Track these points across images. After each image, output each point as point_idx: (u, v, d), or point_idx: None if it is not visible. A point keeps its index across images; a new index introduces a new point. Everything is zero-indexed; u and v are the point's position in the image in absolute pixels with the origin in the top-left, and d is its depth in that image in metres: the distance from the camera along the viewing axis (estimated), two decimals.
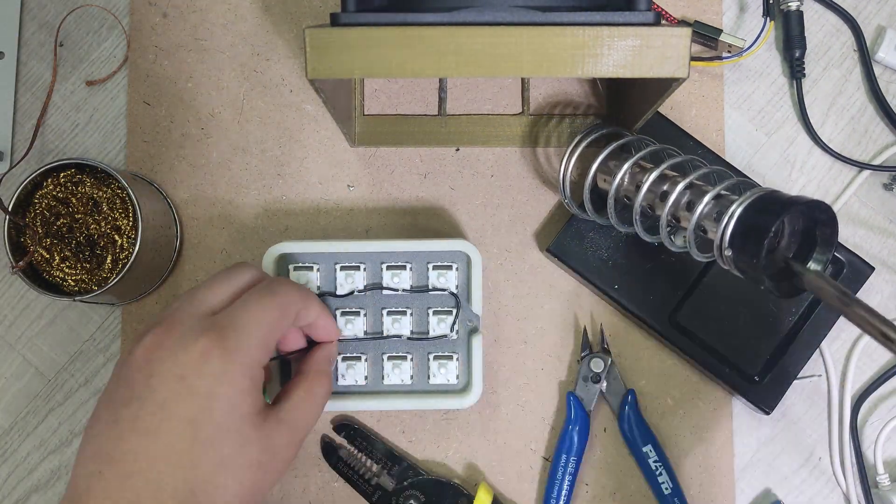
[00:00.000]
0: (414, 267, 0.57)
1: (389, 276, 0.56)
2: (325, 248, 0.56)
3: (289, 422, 0.47)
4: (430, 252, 0.56)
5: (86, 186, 0.57)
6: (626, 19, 0.44)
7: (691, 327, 0.59)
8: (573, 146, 0.56)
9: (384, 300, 0.57)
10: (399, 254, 0.56)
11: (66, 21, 0.64)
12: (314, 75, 0.45)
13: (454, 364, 0.57)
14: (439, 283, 0.56)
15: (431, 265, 0.56)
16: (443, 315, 0.57)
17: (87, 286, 0.56)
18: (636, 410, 0.59)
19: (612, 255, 0.59)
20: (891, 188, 0.62)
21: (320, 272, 0.57)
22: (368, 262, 0.57)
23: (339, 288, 0.57)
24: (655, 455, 0.58)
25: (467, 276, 0.56)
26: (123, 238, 0.56)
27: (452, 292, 0.56)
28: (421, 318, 0.57)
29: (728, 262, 0.48)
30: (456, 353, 0.57)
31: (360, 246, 0.56)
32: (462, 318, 0.56)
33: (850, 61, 0.64)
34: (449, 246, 0.56)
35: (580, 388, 0.60)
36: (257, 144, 0.63)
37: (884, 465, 0.60)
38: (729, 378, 0.58)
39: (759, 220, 0.45)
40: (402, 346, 0.57)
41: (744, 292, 0.59)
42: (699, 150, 0.60)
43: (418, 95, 0.63)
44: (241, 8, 0.63)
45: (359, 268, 0.56)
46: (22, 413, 0.62)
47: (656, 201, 0.53)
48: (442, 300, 0.57)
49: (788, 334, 0.58)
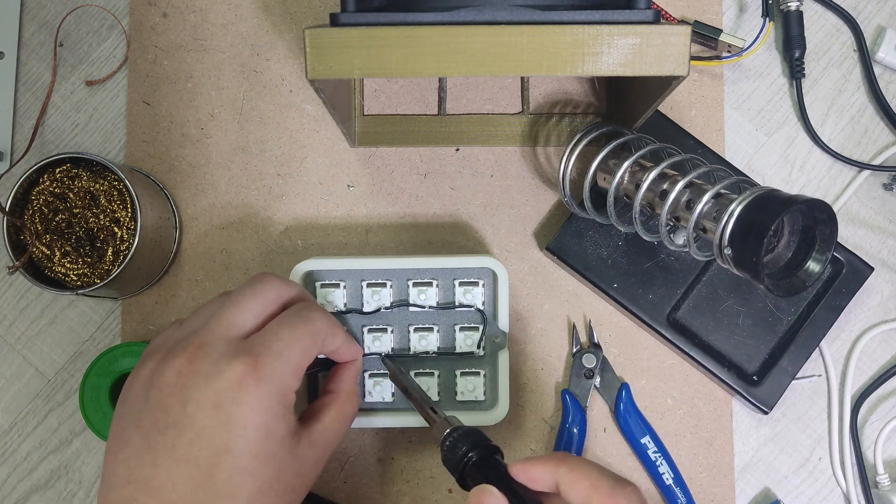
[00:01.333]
0: (440, 283, 0.56)
1: (416, 293, 0.56)
2: (351, 265, 0.56)
3: (320, 443, 0.47)
4: (457, 269, 0.56)
5: (82, 180, 0.57)
6: (626, 17, 0.44)
7: (690, 326, 0.59)
8: (573, 144, 0.56)
9: (410, 317, 0.57)
10: (425, 270, 0.56)
11: (66, 21, 0.64)
12: (314, 75, 0.45)
13: (481, 380, 0.57)
14: (465, 299, 0.56)
15: (458, 281, 0.56)
16: (469, 331, 0.56)
17: (90, 280, 0.56)
18: (632, 403, 0.59)
19: (611, 254, 0.59)
20: (891, 188, 0.62)
21: (346, 289, 0.56)
22: (395, 279, 0.56)
23: (365, 305, 0.56)
24: (654, 446, 0.58)
25: (493, 292, 0.56)
26: (123, 230, 0.56)
27: (479, 309, 0.56)
28: (447, 335, 0.57)
29: (727, 260, 0.48)
30: (482, 370, 0.57)
31: (386, 263, 0.56)
32: (488, 335, 0.56)
33: (850, 61, 0.64)
34: (475, 262, 0.56)
35: (574, 384, 0.60)
36: (257, 144, 0.63)
37: (884, 465, 0.60)
38: (727, 377, 0.58)
39: (758, 219, 0.45)
40: (428, 363, 0.57)
41: (743, 291, 0.59)
42: (699, 150, 0.60)
43: (418, 95, 0.63)
44: (241, 8, 0.63)
45: (385, 284, 0.56)
46: (22, 413, 0.62)
47: (656, 200, 0.53)
48: (468, 316, 0.57)
49: (787, 334, 0.58)
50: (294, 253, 0.62)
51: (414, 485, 0.60)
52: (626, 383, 0.60)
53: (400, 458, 0.60)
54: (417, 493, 0.60)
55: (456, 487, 0.60)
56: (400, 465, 0.60)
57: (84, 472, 0.61)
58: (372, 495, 0.60)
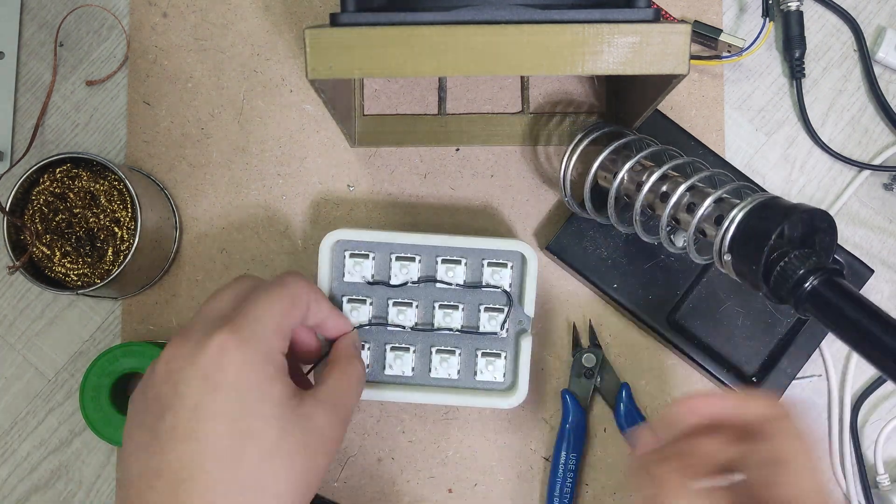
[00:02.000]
0: (469, 262, 0.57)
1: (444, 270, 0.57)
2: (382, 237, 0.56)
3: (327, 401, 0.47)
4: (486, 250, 0.56)
5: (82, 180, 0.57)
6: (626, 16, 0.44)
7: (689, 327, 0.59)
8: (575, 143, 0.56)
9: (437, 293, 0.57)
10: (455, 249, 0.57)
11: (66, 21, 0.64)
12: (314, 75, 0.45)
13: (501, 362, 0.57)
14: (493, 280, 0.56)
15: (486, 262, 0.56)
16: (493, 312, 0.57)
17: (90, 280, 0.56)
18: (632, 403, 0.59)
19: (611, 255, 0.59)
20: (891, 188, 0.62)
21: (375, 260, 0.57)
22: (424, 255, 0.57)
23: (393, 278, 0.57)
24: None
25: (521, 276, 0.56)
26: (123, 230, 0.56)
27: (506, 290, 0.56)
28: (472, 314, 0.57)
29: (726, 266, 0.48)
30: (504, 352, 0.57)
31: (417, 238, 0.56)
32: (513, 318, 0.56)
33: (850, 61, 0.64)
34: (506, 245, 0.56)
35: (574, 384, 0.60)
36: (257, 144, 0.63)
37: (884, 465, 0.60)
38: (727, 378, 0.58)
39: (759, 227, 0.45)
40: (451, 341, 0.57)
41: (742, 293, 0.59)
42: (700, 151, 0.60)
43: (418, 95, 0.63)
44: (241, 8, 0.63)
45: (414, 259, 0.57)
46: (22, 413, 0.62)
47: (657, 202, 0.53)
48: (494, 297, 0.57)
49: (786, 336, 0.58)
50: (294, 253, 0.62)
51: (414, 485, 0.60)
52: (627, 383, 0.60)
53: (400, 458, 0.60)
54: (417, 493, 0.60)
55: (456, 487, 0.60)
56: (400, 465, 0.60)
57: (84, 472, 0.61)
58: (372, 495, 0.60)
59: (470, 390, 0.57)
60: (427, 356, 0.57)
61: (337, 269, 0.57)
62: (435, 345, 0.57)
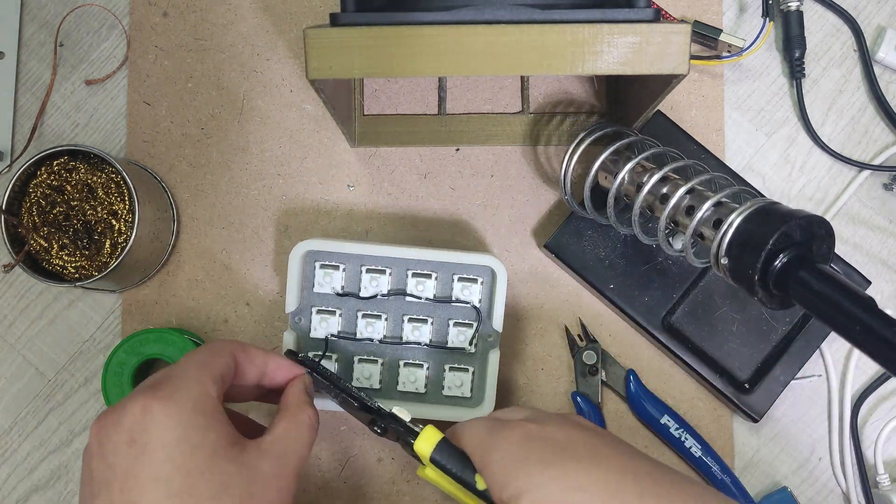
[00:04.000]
0: (439, 277, 0.57)
1: (414, 284, 0.56)
2: (352, 249, 0.56)
3: (273, 451, 0.45)
4: (457, 264, 0.56)
5: (80, 173, 0.57)
6: (626, 16, 0.44)
7: (684, 331, 0.59)
8: (577, 143, 0.56)
9: (406, 307, 0.57)
10: (426, 262, 0.57)
11: (66, 21, 0.64)
12: (314, 75, 0.45)
13: (468, 377, 0.57)
14: (463, 295, 0.56)
15: (457, 277, 0.56)
16: (462, 328, 0.57)
17: (88, 272, 0.56)
18: (641, 386, 0.59)
19: (609, 255, 0.59)
20: (891, 188, 0.62)
21: (346, 272, 0.57)
22: (394, 268, 0.57)
23: (363, 290, 0.57)
24: (675, 423, 0.58)
25: (491, 291, 0.56)
26: (121, 222, 0.56)
27: (475, 306, 0.56)
28: (441, 328, 0.57)
29: (723, 270, 0.48)
30: (472, 367, 0.57)
31: (387, 251, 0.56)
32: (482, 333, 0.57)
33: (850, 61, 0.64)
34: (476, 260, 0.56)
35: (581, 384, 0.60)
36: (257, 144, 0.63)
37: (884, 465, 0.60)
38: (719, 384, 0.58)
39: (757, 232, 0.45)
40: (419, 354, 0.57)
41: (739, 299, 0.59)
42: (702, 155, 0.60)
43: (418, 95, 0.63)
44: (241, 8, 0.63)
45: (384, 272, 0.57)
46: (22, 413, 0.62)
47: (656, 203, 0.53)
48: (463, 313, 0.57)
49: (781, 343, 0.58)
50: None
51: (414, 485, 0.60)
52: (632, 369, 0.59)
53: (400, 458, 0.60)
54: (417, 493, 0.60)
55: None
56: (400, 465, 0.60)
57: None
58: (372, 495, 0.60)
59: (437, 404, 0.57)
60: (395, 369, 0.57)
61: (307, 280, 0.57)
62: (403, 358, 0.57)
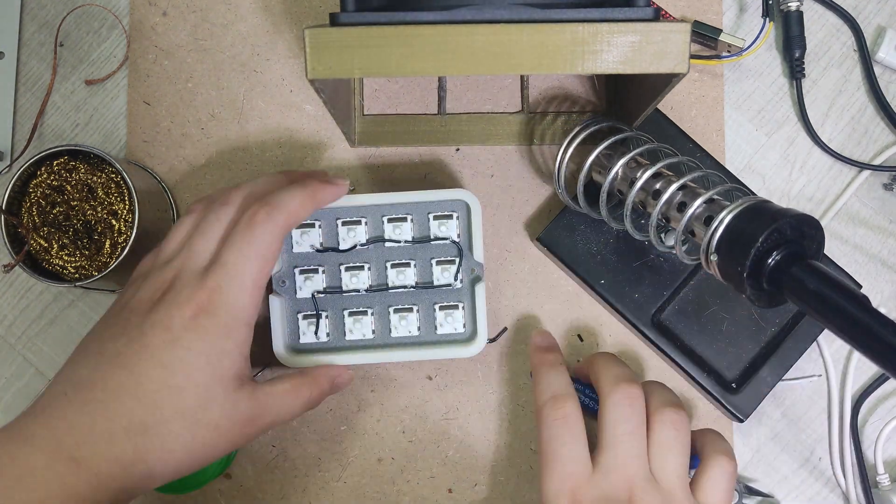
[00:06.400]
0: (415, 218, 0.57)
1: (391, 229, 0.57)
2: None
3: (261, 401, 0.49)
4: (430, 202, 0.57)
5: (80, 173, 0.57)
6: (625, 15, 0.44)
7: (673, 329, 0.59)
8: (571, 136, 0.56)
9: (387, 253, 0.57)
10: (399, 205, 0.57)
11: (66, 21, 0.64)
12: (314, 75, 0.45)
13: (460, 313, 0.57)
14: (441, 232, 0.57)
15: (432, 215, 0.57)
16: (446, 265, 0.57)
17: (88, 272, 0.57)
18: None
19: (601, 250, 0.59)
20: (891, 188, 0.62)
21: (322, 228, 0.57)
22: (369, 216, 0.57)
23: (341, 243, 0.57)
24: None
25: (468, 224, 0.57)
26: (121, 222, 0.57)
27: (454, 241, 0.57)
28: (425, 269, 0.57)
29: (713, 267, 0.48)
30: (461, 302, 0.57)
31: (359, 199, 0.56)
32: (465, 267, 0.57)
33: (850, 61, 0.64)
34: (448, 195, 0.56)
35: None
36: (257, 144, 0.63)
37: (884, 465, 0.60)
38: (706, 382, 0.58)
39: (747, 229, 0.45)
40: (407, 298, 0.57)
41: (729, 299, 0.59)
42: (698, 154, 0.60)
43: (418, 95, 0.63)
44: (241, 8, 0.64)
45: (360, 222, 0.57)
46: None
47: (648, 199, 0.53)
48: (444, 250, 0.57)
49: (770, 344, 0.58)
50: None
51: (414, 485, 0.60)
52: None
53: (400, 458, 0.60)
54: (417, 493, 0.60)
55: (456, 487, 0.60)
56: (400, 465, 0.60)
57: None
58: (372, 495, 0.60)
59: (432, 344, 0.57)
60: (386, 317, 0.57)
61: (286, 243, 0.57)
62: (392, 304, 0.57)
